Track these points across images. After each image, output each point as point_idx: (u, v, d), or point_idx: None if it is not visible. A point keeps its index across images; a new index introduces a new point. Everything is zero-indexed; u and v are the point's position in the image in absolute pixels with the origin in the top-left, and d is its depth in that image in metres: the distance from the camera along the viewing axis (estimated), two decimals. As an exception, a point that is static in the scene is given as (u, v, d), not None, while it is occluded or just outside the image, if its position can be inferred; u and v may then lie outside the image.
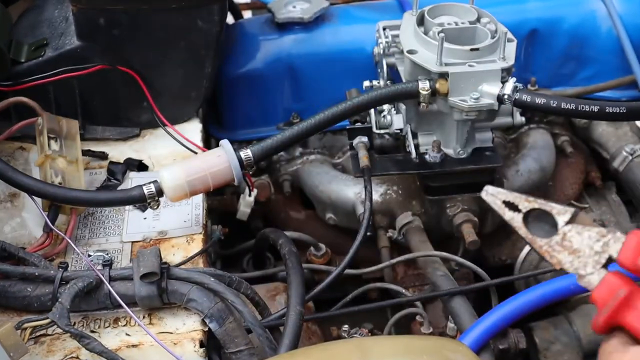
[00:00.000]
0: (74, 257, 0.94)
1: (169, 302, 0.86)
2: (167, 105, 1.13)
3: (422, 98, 1.00)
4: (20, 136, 1.07)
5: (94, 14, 1.06)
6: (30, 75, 1.07)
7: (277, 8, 1.27)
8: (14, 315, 0.86)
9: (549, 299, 0.98)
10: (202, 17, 1.07)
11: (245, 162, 0.95)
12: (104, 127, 1.15)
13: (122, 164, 1.08)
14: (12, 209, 1.00)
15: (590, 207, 1.27)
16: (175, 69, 1.12)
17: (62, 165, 0.98)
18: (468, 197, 1.13)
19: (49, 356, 0.82)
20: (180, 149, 1.11)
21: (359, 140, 1.10)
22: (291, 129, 0.99)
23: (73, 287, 0.82)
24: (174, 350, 0.83)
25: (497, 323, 0.96)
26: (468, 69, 0.99)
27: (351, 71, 1.23)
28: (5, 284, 0.86)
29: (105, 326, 0.86)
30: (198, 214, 1.00)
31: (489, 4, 1.10)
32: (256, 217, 1.30)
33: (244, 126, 1.29)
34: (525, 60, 1.28)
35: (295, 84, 1.26)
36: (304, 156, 1.28)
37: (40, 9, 1.21)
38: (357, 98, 1.01)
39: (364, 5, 1.37)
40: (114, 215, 1.01)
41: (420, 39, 1.04)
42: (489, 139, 1.10)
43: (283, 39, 1.26)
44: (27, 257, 0.89)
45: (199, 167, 0.93)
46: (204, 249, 0.96)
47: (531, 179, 1.22)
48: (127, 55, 1.09)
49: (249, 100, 1.27)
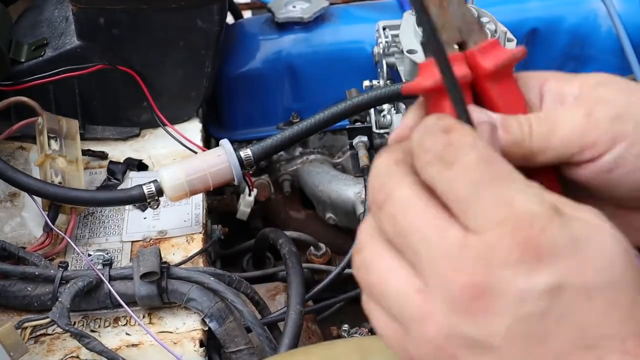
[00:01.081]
0: (74, 256, 0.94)
1: (169, 302, 0.86)
2: (167, 105, 1.13)
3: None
4: (20, 136, 1.07)
5: (94, 13, 1.06)
6: (30, 75, 1.07)
7: (277, 8, 1.27)
8: (14, 315, 0.86)
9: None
10: (202, 17, 1.07)
11: (245, 162, 0.95)
12: (104, 126, 1.15)
13: (122, 163, 1.08)
14: (12, 209, 1.00)
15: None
16: (175, 68, 1.12)
17: (62, 164, 0.98)
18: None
19: (49, 355, 0.82)
20: (180, 148, 1.11)
21: (358, 139, 1.10)
22: (291, 128, 0.99)
23: (73, 287, 0.82)
24: (174, 349, 0.83)
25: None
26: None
27: (351, 71, 1.23)
28: (5, 283, 0.86)
29: (105, 326, 0.86)
30: (198, 213, 1.00)
31: (489, 4, 1.10)
32: (256, 217, 1.30)
33: (244, 126, 1.29)
34: (525, 60, 1.28)
35: (295, 84, 1.26)
36: (304, 156, 1.28)
37: (40, 9, 1.21)
38: (357, 98, 1.01)
39: (364, 5, 1.37)
40: (114, 214, 1.01)
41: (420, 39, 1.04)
42: (488, 138, 1.10)
43: (283, 38, 1.26)
44: (27, 257, 0.89)
45: (198, 166, 0.93)
46: (204, 248, 0.96)
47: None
48: (127, 55, 1.09)
49: (249, 100, 1.27)
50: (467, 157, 0.37)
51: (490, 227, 0.35)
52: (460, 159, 0.37)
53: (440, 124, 0.38)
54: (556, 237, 0.35)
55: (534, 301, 0.34)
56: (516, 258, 0.34)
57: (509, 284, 0.34)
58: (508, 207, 0.35)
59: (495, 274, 0.35)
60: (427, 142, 0.38)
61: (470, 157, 0.37)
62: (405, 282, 0.38)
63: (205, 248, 0.97)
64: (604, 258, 0.35)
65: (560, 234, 0.35)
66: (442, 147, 0.37)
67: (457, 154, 0.37)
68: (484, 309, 0.35)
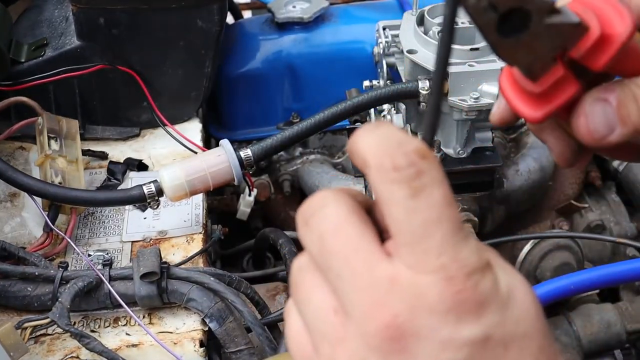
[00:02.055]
0: (74, 256, 0.94)
1: (169, 302, 0.86)
2: (167, 104, 1.13)
3: (422, 98, 1.00)
4: (20, 136, 1.07)
5: (94, 13, 1.06)
6: (30, 75, 1.07)
7: (277, 8, 1.27)
8: (14, 315, 0.86)
9: (549, 299, 0.98)
10: (202, 17, 1.07)
11: (245, 162, 0.95)
12: (104, 126, 1.15)
13: (122, 163, 1.08)
14: (12, 209, 1.00)
15: (590, 207, 1.27)
16: (175, 68, 1.12)
17: (62, 165, 0.98)
18: (468, 197, 1.13)
19: (49, 356, 0.82)
20: (180, 148, 1.11)
21: (359, 140, 1.10)
22: (291, 128, 0.99)
23: (73, 287, 0.82)
24: (174, 349, 0.83)
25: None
26: (468, 69, 0.99)
27: (351, 71, 1.23)
28: (5, 283, 0.86)
29: (105, 326, 0.86)
30: (198, 213, 1.00)
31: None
32: (256, 217, 1.30)
33: (244, 126, 1.29)
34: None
35: (295, 84, 1.26)
36: (303, 156, 1.28)
37: (40, 9, 1.21)
38: (357, 98, 1.01)
39: (364, 5, 1.37)
40: (114, 214, 1.01)
41: (420, 39, 1.04)
42: (489, 138, 1.10)
43: (283, 38, 1.26)
44: (27, 257, 0.89)
45: (198, 166, 0.93)
46: (204, 248, 0.96)
47: (531, 179, 1.22)
48: (127, 55, 1.09)
49: (248, 100, 1.27)
50: (434, 192, 0.35)
51: (429, 270, 0.35)
52: (427, 192, 0.35)
53: (415, 145, 0.36)
54: (488, 292, 0.35)
55: (455, 351, 0.34)
56: (446, 307, 0.34)
57: (434, 331, 0.34)
58: (452, 255, 0.35)
59: (421, 318, 0.34)
60: (399, 159, 0.36)
61: (438, 194, 0.36)
62: (325, 300, 0.37)
63: (205, 248, 0.97)
64: (523, 310, 0.36)
65: (492, 289, 0.35)
66: (415, 172, 0.36)
67: (425, 186, 0.35)
68: (401, 351, 0.34)
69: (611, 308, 1.08)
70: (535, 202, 1.25)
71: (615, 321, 1.06)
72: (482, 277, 0.35)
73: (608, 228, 1.25)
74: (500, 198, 1.18)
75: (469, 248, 0.35)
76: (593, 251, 1.25)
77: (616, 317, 1.07)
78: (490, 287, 0.35)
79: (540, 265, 1.16)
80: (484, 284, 0.35)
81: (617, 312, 1.07)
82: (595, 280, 0.97)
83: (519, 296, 0.36)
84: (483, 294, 0.35)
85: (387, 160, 0.36)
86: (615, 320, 1.06)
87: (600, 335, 1.06)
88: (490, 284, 0.35)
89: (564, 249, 1.16)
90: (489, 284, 0.35)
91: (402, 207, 0.35)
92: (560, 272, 1.13)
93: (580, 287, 1.00)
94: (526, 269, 1.18)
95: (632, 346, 1.11)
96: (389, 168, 0.36)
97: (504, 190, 1.18)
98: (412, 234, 0.35)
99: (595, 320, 1.07)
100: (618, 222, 1.26)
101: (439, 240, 0.35)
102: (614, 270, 0.96)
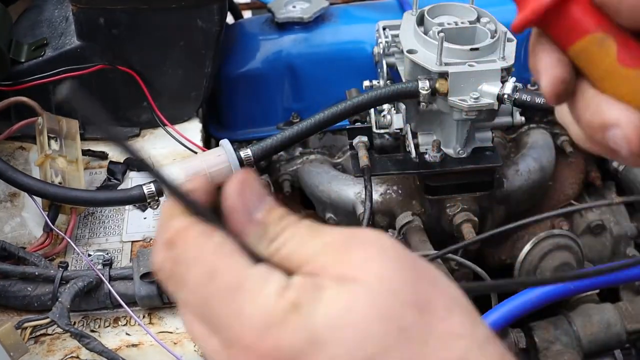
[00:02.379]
0: (74, 256, 0.94)
1: (169, 302, 0.86)
2: (167, 105, 1.13)
3: (422, 98, 1.00)
4: (20, 136, 1.07)
5: (94, 13, 1.06)
6: (30, 75, 1.07)
7: (277, 8, 1.27)
8: (14, 315, 0.86)
9: (549, 299, 0.98)
10: (202, 17, 1.07)
11: (245, 162, 0.95)
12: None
13: (122, 163, 1.08)
14: (12, 209, 1.00)
15: (590, 207, 1.27)
16: (175, 68, 1.12)
17: (62, 165, 0.98)
18: (468, 196, 1.13)
19: (49, 356, 0.82)
20: (180, 148, 1.11)
21: (358, 140, 1.10)
22: (291, 128, 0.99)
23: (73, 287, 0.83)
24: (174, 349, 0.83)
25: (497, 322, 0.96)
26: (468, 69, 0.99)
27: (351, 71, 1.23)
28: (5, 283, 0.86)
29: (105, 326, 0.86)
30: (198, 213, 1.00)
31: (489, 4, 1.10)
32: (256, 217, 1.30)
33: (244, 126, 1.29)
34: (525, 60, 1.28)
35: (295, 84, 1.26)
36: (303, 156, 1.28)
37: (40, 9, 1.21)
38: (357, 98, 1.01)
39: (364, 5, 1.37)
40: (114, 214, 1.01)
41: (420, 39, 1.04)
42: (488, 138, 1.10)
43: (283, 38, 1.26)
44: (27, 257, 0.89)
45: (198, 166, 0.93)
46: (204, 248, 0.96)
47: (531, 179, 1.22)
48: (127, 55, 1.09)
49: (248, 100, 1.27)
50: (193, 275, 0.36)
51: (233, 343, 0.35)
52: (187, 278, 0.36)
53: (165, 236, 0.37)
54: (293, 341, 0.33)
55: None
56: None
57: None
58: (239, 321, 0.34)
59: None
60: (157, 258, 0.37)
61: (196, 275, 0.36)
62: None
63: (205, 248, 0.97)
64: (341, 347, 0.33)
65: (298, 336, 0.33)
66: (170, 266, 0.37)
67: (183, 274, 0.36)
68: None
69: (611, 308, 1.08)
70: (535, 202, 1.25)
71: (615, 321, 1.06)
72: (285, 327, 0.34)
73: (608, 228, 1.25)
74: (500, 198, 1.18)
75: (255, 304, 0.34)
76: (593, 251, 1.25)
77: (616, 317, 1.07)
78: (295, 335, 0.33)
79: (540, 265, 1.16)
80: (287, 334, 0.34)
81: (617, 312, 1.07)
82: (595, 281, 0.98)
83: (337, 335, 0.33)
84: (288, 345, 0.33)
85: (155, 264, 0.38)
86: (615, 320, 1.06)
87: (600, 335, 1.06)
88: (294, 332, 0.33)
89: (564, 249, 1.16)
90: (292, 332, 0.34)
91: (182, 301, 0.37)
92: (560, 272, 1.13)
93: (581, 287, 1.00)
94: (526, 269, 1.18)
95: (632, 346, 1.11)
96: (158, 271, 0.38)
97: (504, 190, 1.18)
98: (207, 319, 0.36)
99: (595, 320, 1.07)
100: (618, 222, 1.26)
101: (224, 312, 0.35)
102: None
